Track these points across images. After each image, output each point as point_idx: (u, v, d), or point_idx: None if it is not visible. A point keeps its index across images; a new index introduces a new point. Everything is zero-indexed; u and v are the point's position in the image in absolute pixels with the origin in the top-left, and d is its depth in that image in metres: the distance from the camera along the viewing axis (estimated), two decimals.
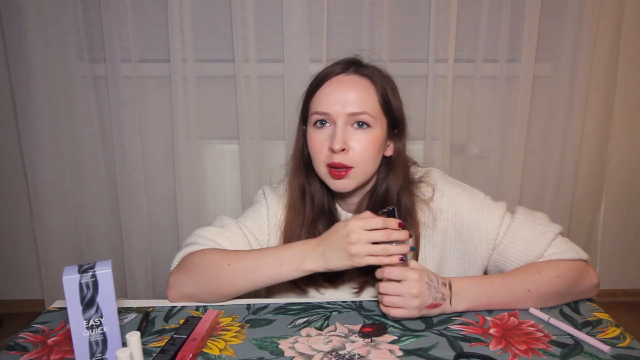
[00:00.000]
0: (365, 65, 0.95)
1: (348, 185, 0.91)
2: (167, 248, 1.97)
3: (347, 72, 0.92)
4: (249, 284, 0.88)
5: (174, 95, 1.81)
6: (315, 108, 0.91)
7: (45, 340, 0.81)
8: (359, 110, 0.88)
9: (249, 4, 1.75)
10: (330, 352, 0.76)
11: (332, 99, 0.89)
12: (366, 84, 0.91)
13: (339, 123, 0.88)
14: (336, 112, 0.89)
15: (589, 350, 0.75)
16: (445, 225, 0.97)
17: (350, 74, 0.92)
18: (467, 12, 1.82)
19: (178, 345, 0.74)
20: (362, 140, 0.89)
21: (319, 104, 0.91)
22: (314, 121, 0.91)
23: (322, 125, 0.91)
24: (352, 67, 0.93)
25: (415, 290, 0.81)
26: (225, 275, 0.88)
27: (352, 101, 0.89)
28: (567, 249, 0.91)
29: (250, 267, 0.87)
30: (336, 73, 0.92)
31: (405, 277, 0.81)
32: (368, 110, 0.89)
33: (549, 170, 1.96)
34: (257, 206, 1.03)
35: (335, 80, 0.91)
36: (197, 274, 0.90)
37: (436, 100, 1.86)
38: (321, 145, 0.90)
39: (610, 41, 1.85)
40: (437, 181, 0.99)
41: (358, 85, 0.90)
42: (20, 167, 1.98)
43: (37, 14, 1.75)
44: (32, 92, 1.81)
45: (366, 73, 0.92)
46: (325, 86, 0.91)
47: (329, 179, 0.91)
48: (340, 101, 0.89)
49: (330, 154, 0.89)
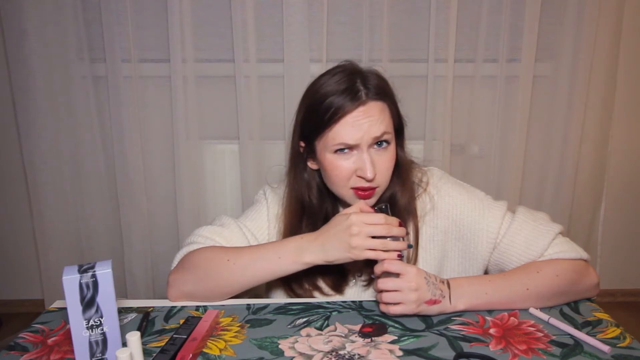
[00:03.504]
0: (369, 80, 0.91)
1: (371, 202, 0.92)
2: (167, 248, 1.97)
3: (362, 101, 0.88)
4: (248, 279, 0.88)
5: (174, 95, 1.81)
6: (339, 139, 0.88)
7: (45, 340, 0.81)
8: (382, 132, 0.89)
9: (249, 4, 1.75)
10: (330, 352, 0.76)
11: (356, 130, 0.87)
12: (381, 105, 0.90)
13: (364, 149, 0.88)
14: (362, 140, 0.88)
15: (589, 350, 0.75)
16: (446, 224, 0.97)
17: (367, 102, 0.88)
18: (467, 12, 1.82)
19: (178, 345, 0.74)
20: (385, 159, 0.90)
21: (343, 137, 0.88)
22: (335, 149, 0.89)
23: (343, 151, 0.89)
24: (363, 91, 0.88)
25: (413, 283, 0.81)
26: (224, 271, 0.88)
27: (374, 126, 0.88)
28: (567, 248, 0.91)
29: (249, 262, 0.87)
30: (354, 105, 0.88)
31: (404, 270, 0.82)
32: (388, 129, 0.90)
33: (549, 170, 1.96)
34: (258, 206, 1.03)
35: (357, 114, 0.87)
36: (197, 272, 0.90)
37: (436, 100, 1.86)
38: (347, 171, 0.89)
39: (610, 41, 1.85)
40: (438, 180, 1.00)
41: (377, 111, 0.89)
42: (20, 167, 1.98)
43: (37, 14, 1.75)
44: (32, 92, 1.81)
45: (378, 93, 0.90)
46: (346, 120, 0.88)
47: (354, 199, 0.91)
48: (365, 130, 0.87)
49: (357, 179, 0.89)
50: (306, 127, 0.93)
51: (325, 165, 0.91)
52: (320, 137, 0.90)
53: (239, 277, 0.88)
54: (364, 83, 0.89)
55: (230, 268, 0.87)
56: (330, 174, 0.91)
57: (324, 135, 0.90)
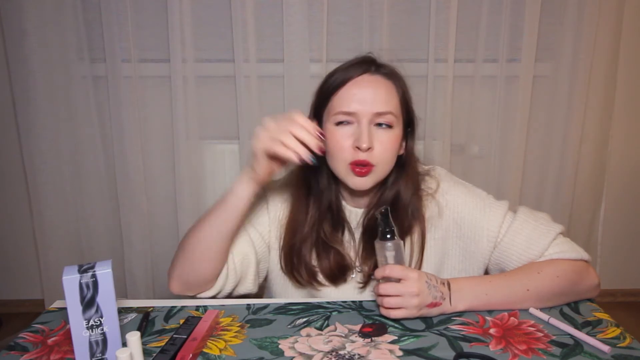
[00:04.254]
0: (384, 65, 0.94)
1: (367, 184, 0.90)
2: (167, 248, 1.97)
3: (370, 72, 0.91)
4: (214, 235, 0.89)
5: (174, 95, 1.81)
6: (339, 107, 0.89)
7: (45, 340, 0.81)
8: (385, 110, 0.88)
9: (249, 4, 1.75)
10: (330, 352, 0.76)
11: (358, 98, 0.88)
12: (390, 85, 0.91)
13: (364, 122, 0.88)
14: (363, 111, 0.88)
15: (589, 350, 0.75)
16: (447, 222, 0.97)
17: (374, 74, 0.91)
18: (467, 12, 1.82)
19: (178, 345, 0.74)
20: (384, 139, 0.89)
21: (344, 103, 0.89)
22: (336, 120, 0.90)
23: (345, 124, 0.90)
24: (373, 67, 0.92)
25: (415, 289, 0.81)
26: (195, 237, 0.90)
27: (379, 101, 0.88)
28: (567, 248, 0.91)
29: (208, 216, 0.89)
30: (360, 73, 0.91)
31: (405, 276, 0.82)
32: (393, 111, 0.89)
33: (549, 170, 1.96)
34: (258, 200, 1.02)
35: (361, 80, 0.90)
36: (181, 252, 0.92)
37: (436, 100, 1.86)
38: (344, 143, 0.88)
39: (610, 41, 1.85)
40: (441, 178, 1.00)
41: (383, 86, 0.90)
42: (20, 167, 1.98)
43: (37, 14, 1.75)
44: (32, 92, 1.81)
45: (388, 73, 0.93)
46: (350, 85, 0.89)
47: (350, 177, 0.90)
48: (368, 100, 0.88)
49: (355, 152, 0.88)
50: (316, 102, 0.95)
51: (327, 137, 0.90)
52: (326, 107, 0.92)
53: (206, 236, 0.89)
54: (376, 63, 0.93)
55: (197, 232, 0.90)
56: (329, 147, 0.90)
57: (328, 105, 0.91)
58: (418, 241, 0.97)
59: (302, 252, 0.97)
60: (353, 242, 1.00)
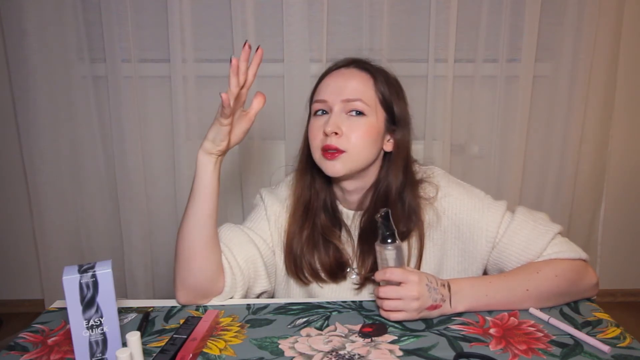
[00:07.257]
0: (368, 62, 0.98)
1: (338, 169, 0.91)
2: (167, 248, 1.97)
3: (348, 66, 0.97)
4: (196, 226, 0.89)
5: (174, 95, 1.81)
6: (315, 97, 0.96)
7: (45, 340, 0.81)
8: (354, 97, 0.92)
9: (249, 4, 1.75)
10: (330, 352, 0.76)
11: (330, 88, 0.94)
12: (365, 77, 0.95)
13: (335, 110, 0.92)
14: (332, 99, 0.93)
15: (589, 350, 0.75)
16: (445, 223, 0.97)
17: (350, 68, 0.97)
18: (467, 12, 1.82)
19: (178, 345, 0.74)
20: (355, 126, 0.91)
21: (319, 93, 0.96)
22: (314, 111, 0.96)
23: (321, 114, 0.95)
24: (354, 63, 0.97)
25: (415, 292, 0.81)
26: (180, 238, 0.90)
27: (349, 89, 0.93)
28: (566, 248, 0.91)
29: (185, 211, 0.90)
30: (338, 67, 0.98)
31: (406, 279, 0.81)
32: (363, 98, 0.92)
33: (549, 170, 1.96)
34: (256, 208, 1.05)
35: (336, 72, 0.96)
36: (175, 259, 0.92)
37: (436, 100, 1.86)
38: (317, 131, 0.93)
39: (610, 41, 1.85)
40: (439, 180, 1.00)
41: (356, 77, 0.95)
42: (20, 167, 1.98)
43: (37, 14, 1.75)
44: (32, 92, 1.81)
45: (367, 67, 0.97)
46: (327, 78, 0.97)
47: (323, 162, 0.92)
48: (338, 89, 0.93)
49: (324, 138, 0.91)
50: (309, 100, 1.00)
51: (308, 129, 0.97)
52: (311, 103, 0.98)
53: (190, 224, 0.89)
54: (360, 60, 0.98)
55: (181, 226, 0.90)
56: (308, 138, 0.96)
57: (312, 100, 0.98)
58: (416, 243, 0.97)
59: (304, 253, 0.98)
60: (351, 240, 1.00)
